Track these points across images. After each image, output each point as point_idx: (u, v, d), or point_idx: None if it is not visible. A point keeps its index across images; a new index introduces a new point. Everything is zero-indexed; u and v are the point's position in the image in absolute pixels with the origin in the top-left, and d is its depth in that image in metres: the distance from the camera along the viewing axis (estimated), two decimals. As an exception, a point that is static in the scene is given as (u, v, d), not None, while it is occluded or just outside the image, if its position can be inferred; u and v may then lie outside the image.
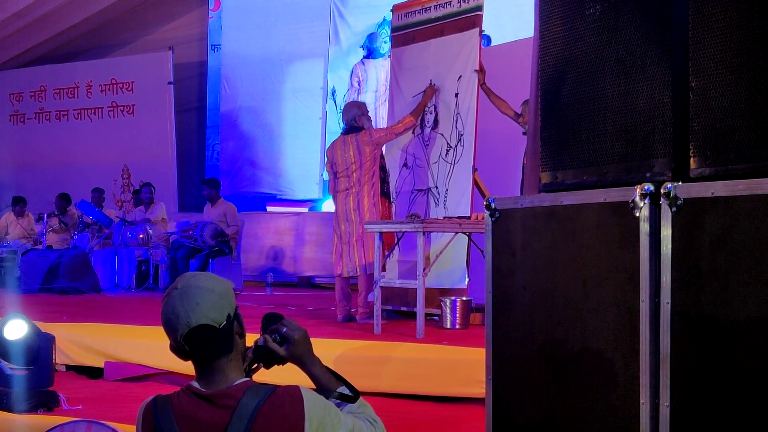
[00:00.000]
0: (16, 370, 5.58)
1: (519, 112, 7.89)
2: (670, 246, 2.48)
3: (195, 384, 2.49)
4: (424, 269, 6.76)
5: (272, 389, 2.43)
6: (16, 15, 15.05)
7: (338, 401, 2.62)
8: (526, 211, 3.03)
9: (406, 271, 7.87)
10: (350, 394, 2.65)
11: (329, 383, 2.66)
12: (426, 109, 8.17)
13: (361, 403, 2.66)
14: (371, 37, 13.64)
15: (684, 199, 2.46)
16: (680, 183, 2.49)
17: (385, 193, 8.01)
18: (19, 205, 13.71)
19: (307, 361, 2.65)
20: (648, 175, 2.68)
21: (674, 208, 2.47)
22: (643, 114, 2.72)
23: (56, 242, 12.99)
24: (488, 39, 11.00)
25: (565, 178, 3.02)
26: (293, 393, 2.43)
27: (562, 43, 3.05)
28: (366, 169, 7.72)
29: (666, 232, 2.50)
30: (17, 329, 5.60)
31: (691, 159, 2.56)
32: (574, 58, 2.99)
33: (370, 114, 8.30)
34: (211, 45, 15.57)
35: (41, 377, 5.54)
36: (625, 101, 2.78)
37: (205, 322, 2.42)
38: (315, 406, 2.44)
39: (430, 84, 8.18)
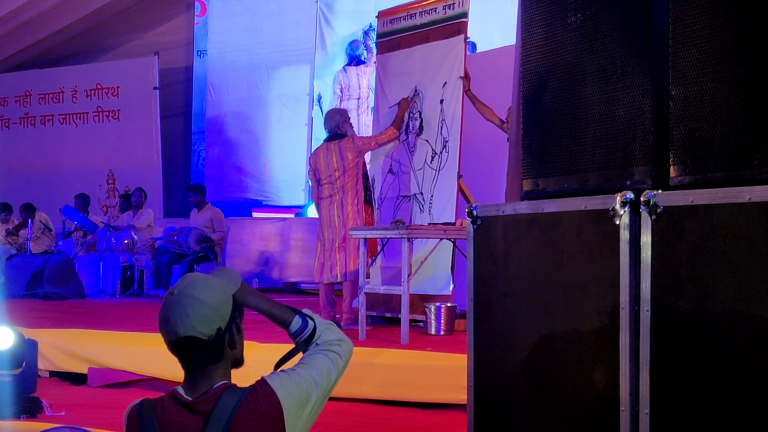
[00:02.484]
0: (0, 377, 5.54)
1: (504, 119, 7.89)
2: (650, 253, 2.50)
3: (179, 389, 2.51)
4: (408, 275, 6.77)
5: (246, 392, 2.44)
6: (1, 19, 15.00)
7: (305, 349, 2.64)
8: (508, 218, 3.04)
9: (390, 278, 7.86)
10: (309, 333, 2.64)
11: (283, 314, 2.66)
12: (411, 115, 8.18)
13: (323, 330, 2.66)
14: (353, 45, 13.65)
15: (664, 207, 2.47)
16: (660, 191, 2.50)
17: (367, 200, 8.01)
18: (4, 212, 13.61)
19: (251, 299, 2.63)
20: (628, 183, 2.69)
21: (654, 216, 2.49)
22: (623, 122, 2.73)
23: (36, 248, 12.90)
24: (473, 46, 11.02)
25: (546, 186, 3.03)
26: (264, 390, 2.45)
27: (544, 51, 3.06)
28: (349, 175, 7.73)
29: (646, 240, 2.51)
30: (2, 338, 5.55)
31: (671, 167, 2.57)
32: (556, 65, 3.00)
33: (352, 121, 8.31)
34: (197, 51, 15.52)
35: (26, 383, 5.50)
36: (606, 109, 2.79)
37: (192, 335, 2.43)
38: (287, 391, 2.47)
39: (404, 97, 8.19)
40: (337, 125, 7.96)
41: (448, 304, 7.35)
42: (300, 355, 2.67)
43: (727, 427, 2.30)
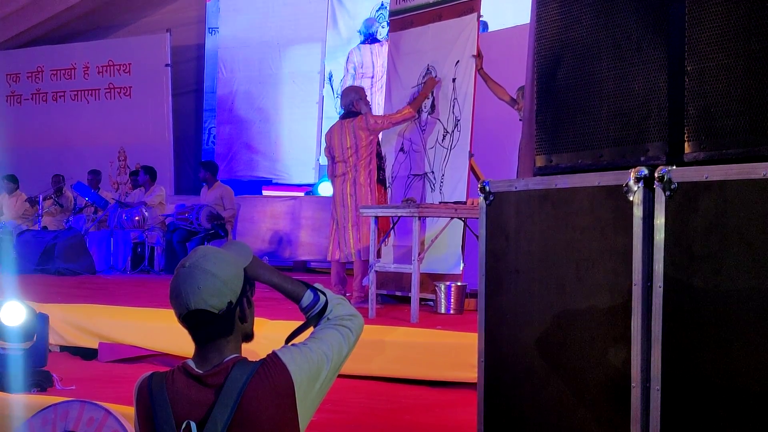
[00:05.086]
0: (11, 351, 5.55)
1: (515, 98, 7.88)
2: (663, 229, 2.49)
3: (190, 362, 2.51)
4: (418, 254, 6.76)
5: (257, 366, 2.44)
6: (14, -5, 15.03)
7: (316, 324, 2.64)
8: (521, 194, 3.03)
9: (401, 256, 7.86)
10: (320, 307, 2.64)
11: (295, 288, 2.66)
12: (424, 94, 8.15)
13: (334, 305, 2.66)
14: (367, 23, 13.61)
15: (678, 183, 2.46)
16: (674, 167, 2.49)
17: (381, 180, 7.99)
18: (8, 182, 13.64)
19: (263, 273, 2.64)
20: (642, 158, 2.68)
21: (668, 192, 2.47)
22: (638, 98, 2.72)
23: (51, 224, 12.96)
24: (485, 25, 10.97)
25: (559, 162, 3.02)
26: (275, 363, 2.45)
27: (559, 26, 3.04)
28: (362, 154, 7.71)
29: (659, 216, 2.50)
30: (14, 313, 5.55)
31: (686, 143, 2.56)
32: (571, 41, 2.98)
33: (367, 99, 8.29)
34: (209, 28, 15.51)
35: (36, 357, 5.52)
36: (621, 85, 2.78)
37: (203, 308, 2.43)
38: (297, 365, 2.47)
39: (432, 76, 8.15)
40: (352, 103, 7.94)
41: (459, 283, 7.34)
42: (311, 329, 2.67)
43: (738, 405, 2.30)
